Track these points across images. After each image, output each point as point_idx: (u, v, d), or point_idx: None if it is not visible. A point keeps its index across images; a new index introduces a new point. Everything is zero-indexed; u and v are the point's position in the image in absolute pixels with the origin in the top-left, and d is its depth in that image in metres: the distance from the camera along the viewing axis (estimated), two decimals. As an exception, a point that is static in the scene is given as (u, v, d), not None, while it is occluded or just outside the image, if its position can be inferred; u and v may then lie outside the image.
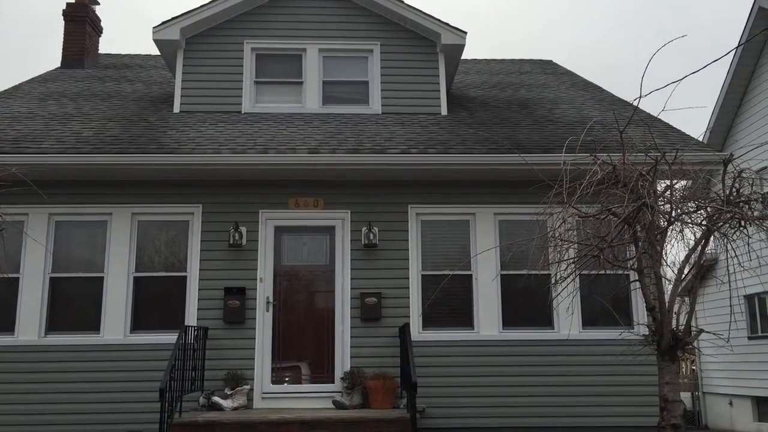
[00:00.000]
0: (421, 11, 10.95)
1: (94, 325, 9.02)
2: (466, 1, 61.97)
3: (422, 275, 9.32)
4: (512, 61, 15.37)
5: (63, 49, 13.96)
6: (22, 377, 8.73)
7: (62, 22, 14.03)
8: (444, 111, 10.88)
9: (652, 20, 59.75)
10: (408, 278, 9.25)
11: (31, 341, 8.90)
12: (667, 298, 5.76)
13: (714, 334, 6.38)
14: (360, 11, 11.22)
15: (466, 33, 10.94)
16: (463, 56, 11.62)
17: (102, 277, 9.16)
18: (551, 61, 15.25)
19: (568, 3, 62.25)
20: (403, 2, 11.01)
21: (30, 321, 8.96)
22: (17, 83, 12.51)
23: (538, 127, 10.40)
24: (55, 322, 9.08)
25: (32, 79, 12.81)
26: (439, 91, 10.97)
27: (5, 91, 12.05)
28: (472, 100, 12.18)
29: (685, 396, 16.91)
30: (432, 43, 11.05)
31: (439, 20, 10.92)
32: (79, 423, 8.60)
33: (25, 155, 8.83)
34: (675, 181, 5.95)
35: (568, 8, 61.98)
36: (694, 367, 17.87)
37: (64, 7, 14.06)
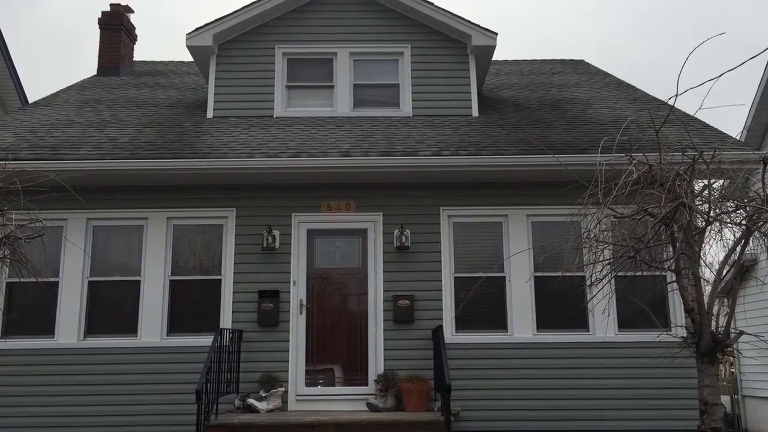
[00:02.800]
0: (451, 13, 10.92)
1: (131, 328, 9.17)
2: (496, 3, 61.71)
3: (455, 277, 9.29)
4: (543, 61, 15.24)
5: (99, 57, 14.23)
6: (62, 379, 8.90)
7: (97, 31, 14.31)
8: (475, 112, 10.84)
9: (678, 19, 58.90)
10: (441, 280, 9.23)
11: (70, 344, 9.08)
12: (705, 299, 5.67)
13: (755, 336, 6.26)
14: (390, 14, 11.24)
15: (496, 34, 10.89)
16: (494, 57, 11.55)
17: (139, 281, 9.31)
18: (583, 60, 15.09)
19: (594, 2, 61.62)
20: (433, 4, 11.00)
21: (69, 324, 9.13)
22: (55, 91, 12.78)
23: (571, 128, 10.30)
24: (93, 325, 9.24)
25: (69, 87, 13.08)
26: (470, 92, 10.93)
27: (44, 99, 12.32)
28: (503, 101, 12.11)
29: (724, 399, 16.58)
30: (462, 44, 11.03)
31: (469, 22, 10.89)
32: (116, 425, 8.74)
33: (64, 162, 9.00)
34: (713, 180, 5.85)
35: (596, 7, 61.33)
36: (733, 370, 17.52)
37: (99, 16, 14.33)
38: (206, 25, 10.81)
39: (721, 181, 6.23)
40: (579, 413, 8.78)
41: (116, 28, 14.26)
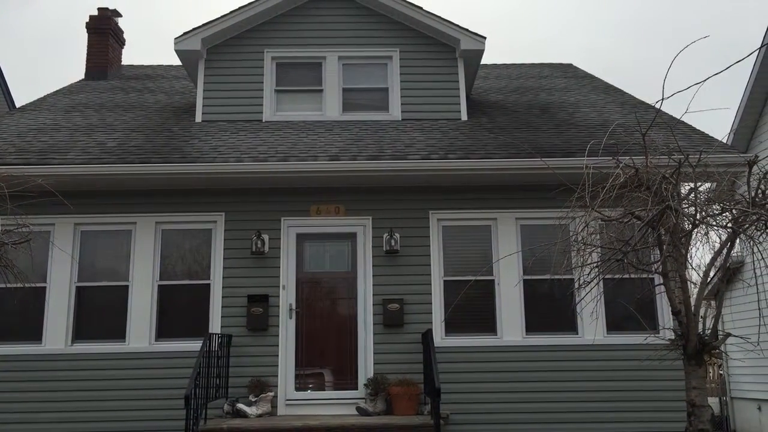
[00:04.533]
0: (440, 17, 10.96)
1: (119, 333, 9.12)
2: (482, 7, 61.95)
3: (444, 281, 9.30)
4: (532, 65, 15.31)
5: (87, 61, 14.17)
6: (49, 385, 8.84)
7: (85, 34, 14.25)
8: (464, 116, 10.88)
9: (660, 22, 59.27)
10: (430, 284, 9.24)
11: (57, 350, 9.02)
12: (693, 301, 5.70)
13: (741, 337, 6.30)
14: (379, 18, 11.26)
15: (485, 38, 10.93)
16: (482, 61, 11.59)
17: (127, 286, 9.27)
18: (571, 64, 15.17)
19: (579, 6, 61.93)
20: (422, 9, 11.03)
21: (57, 330, 9.08)
22: (42, 95, 12.71)
23: (559, 131, 10.35)
24: (81, 331, 9.19)
25: (57, 91, 13.01)
26: (458, 96, 10.96)
27: (31, 103, 12.26)
28: (492, 105, 12.16)
29: (713, 401, 16.66)
30: (451, 48, 11.06)
31: (458, 26, 10.92)
32: (105, 430, 8.67)
33: (51, 166, 8.96)
34: (699, 183, 5.89)
35: (580, 11, 61.65)
36: (721, 372, 17.62)
37: (87, 20, 14.27)
38: (195, 29, 10.79)
39: (707, 184, 6.27)
40: (568, 415, 8.80)
41: (104, 32, 14.20)
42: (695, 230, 5.68)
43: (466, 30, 10.90)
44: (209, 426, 7.75)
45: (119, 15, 14.71)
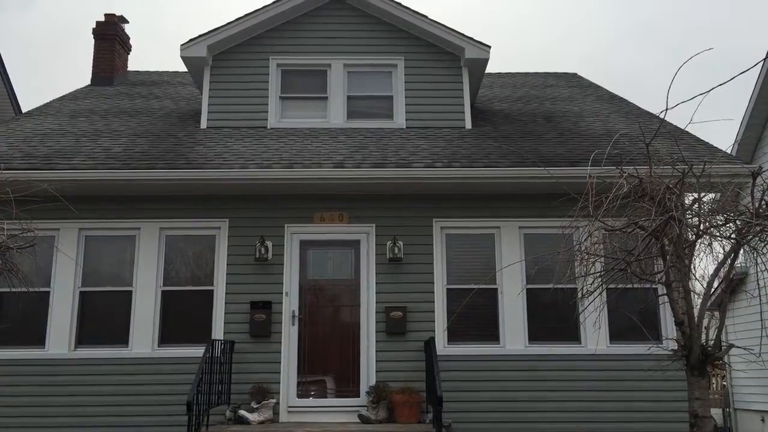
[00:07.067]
0: (444, 26, 10.99)
1: (122, 339, 9.13)
2: (485, 15, 62.14)
3: (447, 289, 9.30)
4: (536, 74, 15.34)
5: (93, 66, 14.22)
6: (52, 390, 8.85)
7: (92, 40, 14.31)
8: (468, 125, 10.89)
9: (663, 32, 59.34)
10: (433, 292, 9.24)
11: (61, 354, 9.03)
12: (696, 312, 5.70)
13: (745, 348, 6.28)
14: (384, 26, 11.30)
15: (489, 47, 10.95)
16: (487, 70, 11.62)
17: (130, 291, 9.28)
18: (576, 74, 15.19)
19: (581, 16, 62.06)
20: (427, 17, 11.07)
21: (60, 334, 9.09)
22: (48, 100, 12.77)
23: (563, 140, 10.36)
24: (84, 336, 9.21)
25: (63, 96, 13.07)
26: (463, 104, 10.98)
27: (37, 108, 12.31)
28: (496, 113, 12.18)
29: (716, 412, 16.59)
30: (456, 57, 11.09)
31: (462, 34, 10.95)
32: (107, 436, 8.69)
33: (57, 171, 8.99)
34: (703, 194, 5.89)
35: (581, 21, 61.79)
36: (724, 383, 17.55)
37: (94, 26, 14.34)
38: (201, 36, 10.84)
39: (711, 195, 6.27)
40: (570, 425, 8.78)
41: (111, 38, 14.27)
42: (699, 241, 5.67)
43: (471, 38, 10.93)
44: (211, 432, 7.75)
45: (126, 21, 14.78)
